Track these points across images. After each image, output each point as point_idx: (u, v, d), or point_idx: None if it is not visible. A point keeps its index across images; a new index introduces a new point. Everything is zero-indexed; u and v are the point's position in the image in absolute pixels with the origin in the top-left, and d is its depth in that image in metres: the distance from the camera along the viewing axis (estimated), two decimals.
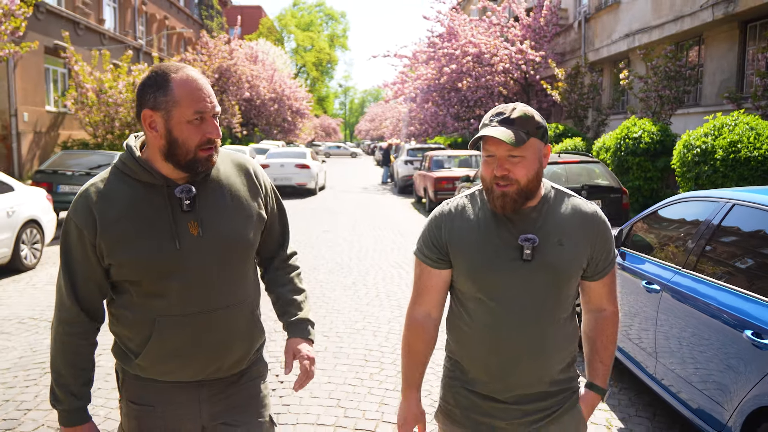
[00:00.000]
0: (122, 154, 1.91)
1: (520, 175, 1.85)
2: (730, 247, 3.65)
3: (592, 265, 1.98)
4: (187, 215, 1.87)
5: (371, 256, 9.86)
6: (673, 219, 4.34)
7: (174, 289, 1.86)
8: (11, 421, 3.97)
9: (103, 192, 1.86)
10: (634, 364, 4.33)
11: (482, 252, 1.92)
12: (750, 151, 8.78)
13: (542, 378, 1.95)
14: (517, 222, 1.92)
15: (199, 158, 1.85)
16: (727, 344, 3.19)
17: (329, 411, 4.16)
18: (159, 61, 23.74)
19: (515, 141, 1.81)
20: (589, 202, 2.01)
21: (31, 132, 19.39)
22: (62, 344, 1.91)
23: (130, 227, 1.83)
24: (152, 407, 1.94)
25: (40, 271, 8.65)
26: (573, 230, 1.94)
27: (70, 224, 1.88)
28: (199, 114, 1.81)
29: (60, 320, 1.92)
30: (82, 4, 22.92)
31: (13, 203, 8.38)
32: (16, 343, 5.46)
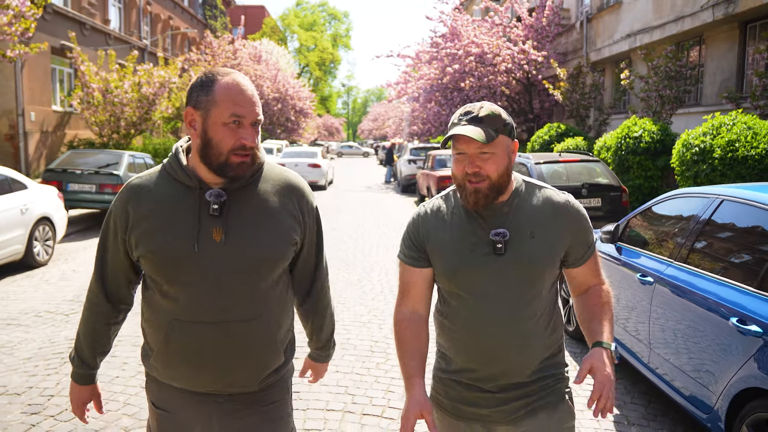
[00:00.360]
0: (170, 154, 1.96)
1: (491, 170, 1.91)
2: (718, 241, 3.84)
3: (572, 253, 2.02)
4: (213, 220, 1.86)
5: (375, 253, 10.06)
6: (667, 214, 4.52)
7: (188, 293, 1.85)
8: (36, 405, 4.18)
9: (141, 187, 1.91)
10: (630, 354, 4.51)
11: (457, 250, 1.97)
12: (747, 150, 8.94)
13: (525, 368, 1.98)
14: (488, 217, 1.97)
15: (230, 163, 1.83)
16: (715, 332, 3.38)
17: (338, 398, 4.36)
18: (164, 61, 23.85)
19: (485, 138, 1.87)
20: (561, 192, 2.06)
21: (38, 131, 19.58)
22: (85, 317, 2.04)
23: (155, 223, 1.86)
24: (169, 413, 1.97)
25: (52, 267, 8.86)
26: (545, 221, 1.98)
27: (110, 215, 1.95)
28: (236, 117, 1.81)
29: (87, 297, 2.04)
30: (87, 5, 23.10)
31: (26, 201, 8.58)
32: (35, 335, 5.66)
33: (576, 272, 2.07)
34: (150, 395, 2.02)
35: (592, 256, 2.07)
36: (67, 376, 4.68)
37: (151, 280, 1.92)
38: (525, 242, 1.94)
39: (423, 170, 18.53)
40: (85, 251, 10.08)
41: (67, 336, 5.63)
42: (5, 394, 4.35)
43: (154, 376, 1.99)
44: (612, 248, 4.95)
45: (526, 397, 2.01)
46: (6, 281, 7.90)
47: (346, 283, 7.93)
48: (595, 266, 2.09)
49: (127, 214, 1.89)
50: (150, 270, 1.89)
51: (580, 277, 2.08)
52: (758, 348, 2.97)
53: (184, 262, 1.83)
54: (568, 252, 2.01)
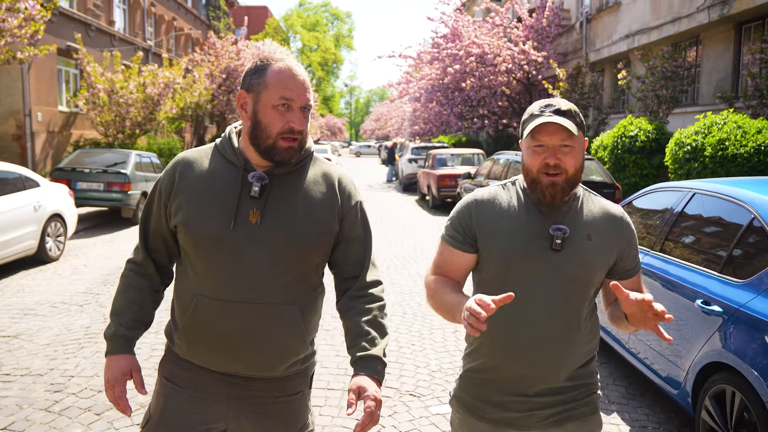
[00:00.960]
0: (223, 133, 2.00)
1: (570, 164, 1.90)
2: (689, 230, 4.14)
3: (619, 265, 2.00)
4: (252, 201, 1.86)
5: (377, 248, 10.31)
6: (647, 207, 4.82)
7: (216, 270, 1.85)
8: (58, 384, 4.49)
9: (190, 160, 1.95)
10: (612, 339, 4.81)
11: (514, 239, 1.94)
12: (737, 148, 9.21)
13: (562, 373, 1.95)
14: (548, 213, 1.95)
15: (278, 146, 1.85)
16: (684, 314, 3.67)
17: (338, 378, 4.67)
18: (168, 62, 24.18)
19: (575, 129, 1.89)
20: (615, 205, 2.05)
21: (45, 131, 19.86)
22: (125, 278, 2.03)
23: (197, 195, 1.88)
24: (183, 388, 1.95)
25: (63, 262, 9.17)
26: (601, 228, 1.97)
27: (158, 182, 1.99)
28: (285, 100, 1.83)
29: (129, 260, 2.05)
30: (93, 6, 23.41)
31: (39, 198, 8.90)
32: (52, 324, 5.97)
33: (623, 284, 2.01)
34: (163, 371, 2.01)
35: (638, 274, 2.06)
36: (85, 359, 5.00)
37: (184, 252, 1.93)
38: (582, 243, 1.93)
39: (424, 169, 18.82)
40: (95, 247, 10.40)
41: (83, 324, 5.95)
42: (29, 375, 4.66)
43: (175, 353, 1.98)
44: None
45: (561, 405, 1.98)
46: (20, 275, 8.22)
47: None
48: (639, 285, 2.06)
49: (173, 180, 1.93)
50: (183, 240, 1.91)
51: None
52: (719, 326, 3.27)
53: (218, 238, 1.84)
54: (616, 263, 1.99)
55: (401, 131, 51.69)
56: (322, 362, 4.96)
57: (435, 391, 4.49)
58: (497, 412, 1.99)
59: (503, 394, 1.98)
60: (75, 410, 4.06)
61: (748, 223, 3.45)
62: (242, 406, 1.94)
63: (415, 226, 13.25)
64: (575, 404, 1.99)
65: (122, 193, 12.77)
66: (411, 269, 8.68)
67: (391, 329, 5.84)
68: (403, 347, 5.39)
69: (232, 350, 1.87)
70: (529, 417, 1.97)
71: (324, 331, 5.74)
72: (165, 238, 1.99)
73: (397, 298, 7.06)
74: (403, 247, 10.52)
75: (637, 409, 4.27)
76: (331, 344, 5.42)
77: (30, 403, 4.17)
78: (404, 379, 4.69)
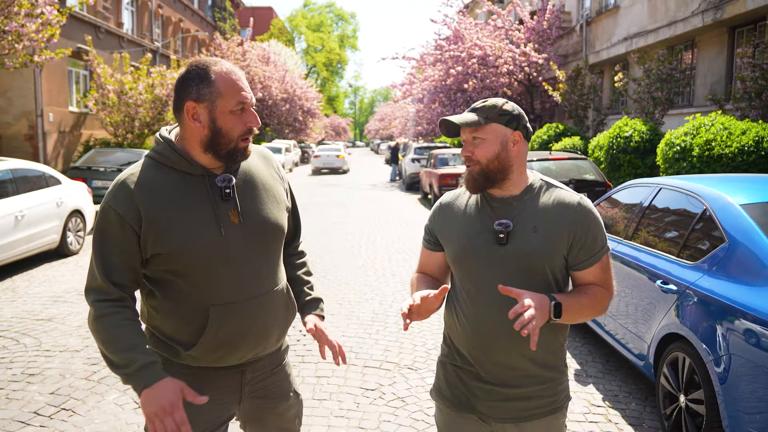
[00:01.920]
0: (157, 146, 1.95)
1: (480, 155, 1.98)
2: (654, 221, 4.64)
3: (572, 254, 1.99)
4: (227, 203, 1.93)
5: (379, 244, 10.87)
6: (622, 201, 5.31)
7: (223, 276, 1.91)
8: (94, 358, 5.03)
9: (142, 182, 1.87)
10: (593, 322, 5.30)
11: (464, 237, 2.04)
12: (722, 148, 9.68)
13: (517, 359, 2.00)
14: (497, 209, 2.02)
15: (239, 148, 1.91)
16: (647, 293, 4.18)
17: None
18: (176, 63, 24.66)
19: (466, 122, 1.99)
20: (576, 194, 2.05)
21: (56, 132, 20.33)
22: (110, 317, 1.83)
23: (174, 217, 1.86)
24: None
25: (83, 255, 9.72)
26: (550, 218, 1.98)
27: (109, 212, 1.86)
28: (241, 105, 1.88)
29: (98, 300, 1.85)
30: (102, 9, 23.95)
31: (61, 195, 9.43)
32: (80, 309, 6.50)
33: (578, 276, 2.04)
34: None
35: (597, 264, 2.02)
36: None
37: (178, 274, 1.90)
38: (527, 235, 1.97)
39: (426, 168, 19.28)
40: None
41: None
42: (67, 351, 5.20)
43: (183, 364, 1.99)
44: None
45: (524, 400, 2.03)
46: (44, 267, 8.76)
47: (353, 267, 8.76)
48: (601, 275, 2.04)
49: (136, 208, 1.85)
50: (175, 265, 1.88)
51: (583, 282, 2.05)
52: (674, 302, 3.77)
53: (213, 248, 1.88)
54: (569, 253, 2.00)
55: (405, 131, 52.16)
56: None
57: (430, 365, 5.00)
58: (467, 400, 2.09)
59: (470, 380, 2.07)
60: (111, 379, 4.60)
61: (701, 213, 3.95)
62: (251, 389, 2.11)
63: (416, 223, 13.75)
64: (540, 402, 2.04)
65: None
66: (412, 262, 9.21)
67: (391, 315, 6.35)
68: (402, 329, 5.89)
69: (252, 341, 2.01)
70: (494, 408, 2.05)
71: (329, 315, 6.25)
72: (134, 269, 1.90)
73: (398, 287, 7.58)
74: (405, 243, 11.03)
75: (612, 381, 4.76)
76: (337, 326, 5.95)
77: (71, 374, 4.71)
78: (402, 356, 5.20)
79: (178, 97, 1.90)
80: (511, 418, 2.04)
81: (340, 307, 6.60)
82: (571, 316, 1.93)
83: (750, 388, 3.08)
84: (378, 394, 4.42)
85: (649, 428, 3.99)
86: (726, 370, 3.20)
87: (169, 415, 1.72)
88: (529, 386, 2.03)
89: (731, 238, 3.55)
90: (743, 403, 3.11)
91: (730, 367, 3.18)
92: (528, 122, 2.07)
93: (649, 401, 4.37)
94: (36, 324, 5.97)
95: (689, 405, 3.58)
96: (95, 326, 1.84)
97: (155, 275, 1.92)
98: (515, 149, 2.01)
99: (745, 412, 3.11)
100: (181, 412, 1.74)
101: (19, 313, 6.33)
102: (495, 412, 2.05)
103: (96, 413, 4.06)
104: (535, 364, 2.02)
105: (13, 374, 4.70)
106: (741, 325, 3.17)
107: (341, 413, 4.13)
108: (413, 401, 4.32)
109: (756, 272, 3.30)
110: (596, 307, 2.01)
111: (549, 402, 2.05)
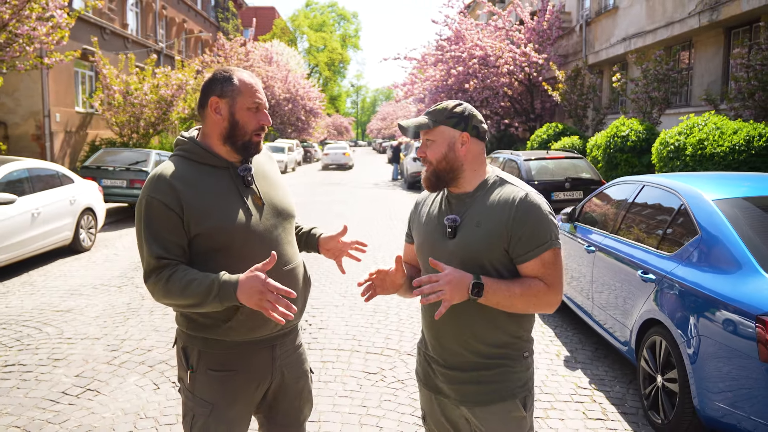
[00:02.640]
0: (183, 145, 2.23)
1: (431, 156, 2.12)
2: (637, 215, 4.97)
3: (511, 248, 2.03)
4: (249, 189, 2.22)
5: (381, 241, 11.20)
6: (611, 197, 5.63)
7: (257, 249, 2.16)
8: (113, 345, 5.38)
9: (177, 174, 2.14)
10: (581, 311, 5.61)
11: (424, 231, 2.23)
12: (714, 147, 9.97)
13: (467, 345, 2.10)
14: (453, 205, 2.15)
15: (253, 141, 2.21)
16: (629, 283, 4.49)
17: (347, 342, 5.52)
18: (180, 64, 24.93)
19: (415, 124, 2.14)
20: (525, 189, 2.08)
21: (63, 131, 20.57)
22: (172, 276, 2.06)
23: (209, 201, 2.12)
24: (234, 371, 2.22)
25: (95, 252, 10.05)
26: (493, 213, 2.05)
27: (152, 202, 2.09)
28: (256, 104, 2.19)
29: (157, 275, 2.08)
30: (107, 10, 24.25)
31: (74, 193, 9.77)
32: (96, 301, 6.84)
33: (520, 270, 2.06)
34: (208, 364, 2.21)
35: (536, 259, 2.03)
36: (133, 327, 5.90)
37: (215, 250, 2.14)
38: (470, 230, 2.07)
39: None
40: (121, 239, 11.28)
41: (124, 301, 6.82)
42: (87, 339, 5.54)
43: (218, 340, 2.19)
44: (569, 227, 6.07)
45: (473, 384, 2.11)
46: (59, 262, 9.10)
47: (356, 263, 9.04)
48: (542, 270, 2.04)
49: (177, 197, 2.09)
50: (215, 241, 2.12)
51: (524, 276, 2.07)
52: (653, 290, 4.09)
53: (246, 224, 2.15)
54: (509, 247, 2.04)
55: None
56: (333, 329, 5.82)
57: None
58: (431, 381, 2.24)
59: (431, 364, 2.22)
60: (131, 363, 4.94)
61: (678, 208, 4.27)
62: (281, 363, 2.32)
63: None
64: (484, 386, 2.10)
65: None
66: None
67: (392, 306, 6.68)
68: (403, 319, 6.23)
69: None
70: (452, 391, 2.16)
71: (333, 306, 6.58)
72: (182, 246, 2.13)
73: None
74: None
75: (599, 367, 5.08)
76: (341, 316, 6.27)
77: (93, 359, 5.05)
78: (403, 342, 5.52)
79: (204, 95, 2.20)
80: (466, 402, 2.14)
81: (344, 299, 6.92)
82: (497, 299, 1.99)
83: (716, 366, 3.40)
84: (379, 377, 4.74)
85: (630, 407, 4.31)
86: (696, 351, 3.52)
87: (268, 293, 1.98)
88: (477, 370, 2.10)
89: (703, 230, 3.87)
90: (711, 380, 3.42)
91: (699, 348, 3.50)
92: (481, 122, 2.15)
93: (632, 384, 4.69)
94: (56, 315, 6.30)
95: (665, 384, 3.90)
96: (167, 286, 2.05)
97: (198, 253, 2.15)
98: (464, 149, 2.10)
99: (712, 391, 3.42)
100: (272, 284, 1.99)
101: (39, 305, 6.67)
102: (455, 395, 2.16)
103: (119, 393, 4.39)
104: (481, 350, 2.09)
105: (40, 359, 5.04)
106: (709, 310, 3.49)
107: (345, 394, 4.46)
108: (412, 383, 4.64)
109: (724, 262, 3.61)
110: (531, 300, 2.01)
111: (497, 389, 2.10)
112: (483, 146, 2.17)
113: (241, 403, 2.26)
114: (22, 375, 4.71)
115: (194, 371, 2.21)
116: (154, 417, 4.04)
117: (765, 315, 3.11)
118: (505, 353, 2.10)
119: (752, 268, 3.43)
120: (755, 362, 3.14)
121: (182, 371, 2.28)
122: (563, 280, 2.10)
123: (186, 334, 2.24)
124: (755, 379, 3.17)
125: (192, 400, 2.23)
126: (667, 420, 3.83)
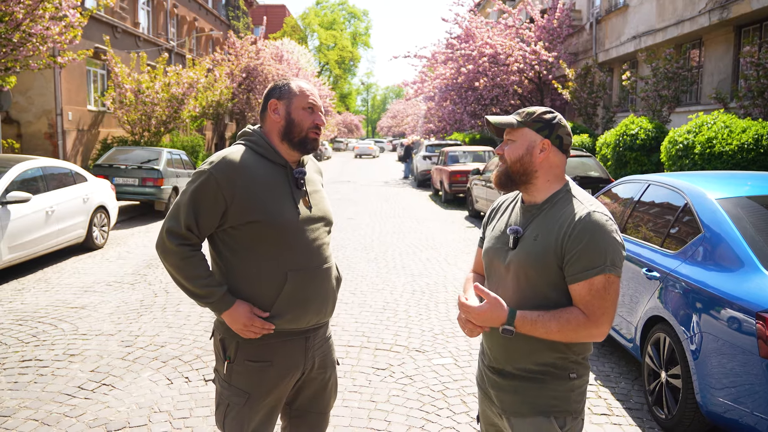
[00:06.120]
0: (251, 136, 2.40)
1: (508, 155, 2.10)
2: (643, 214, 5.02)
3: (566, 267, 1.98)
4: (300, 192, 2.39)
5: (390, 239, 11.29)
6: (617, 196, 5.68)
7: (299, 246, 2.32)
8: (127, 341, 5.49)
9: (242, 162, 2.29)
10: None
11: (491, 237, 2.22)
12: (723, 146, 9.98)
13: (512, 357, 2.09)
14: (524, 214, 2.13)
15: (308, 138, 2.38)
16: (635, 281, 4.55)
17: (356, 338, 5.60)
18: (191, 62, 25.05)
19: (500, 122, 2.13)
20: (591, 206, 2.01)
21: (75, 130, 20.74)
22: (189, 256, 2.27)
23: (265, 191, 2.29)
24: (269, 362, 2.34)
25: (108, 249, 10.19)
26: (553, 229, 2.01)
27: (210, 178, 2.25)
28: (310, 105, 2.39)
29: (180, 243, 2.27)
30: (119, 9, 24.42)
31: (87, 191, 9.91)
32: (110, 298, 6.96)
33: (570, 291, 2.00)
34: (245, 355, 2.34)
35: (584, 282, 1.95)
36: (146, 323, 5.99)
37: (260, 240, 2.28)
38: (529, 243, 2.05)
39: (437, 166, 19.60)
40: (133, 237, 11.42)
41: (137, 298, 6.93)
42: (102, 335, 5.65)
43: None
44: None
45: (512, 393, 2.10)
46: (72, 260, 9.24)
47: (365, 260, 9.19)
48: (587, 297, 1.95)
49: (233, 184, 2.25)
50: (263, 232, 2.27)
51: (573, 298, 2.00)
52: (657, 288, 4.14)
53: (295, 226, 2.32)
54: (564, 265, 1.98)
55: (417, 129, 52.48)
56: (343, 326, 5.90)
57: (437, 348, 5.39)
58: (484, 385, 2.24)
59: (486, 371, 2.21)
60: (145, 359, 5.04)
61: (682, 207, 4.33)
62: (314, 353, 2.45)
63: (427, 219, 14.16)
64: (521, 396, 2.08)
65: (155, 188, 13.81)
66: (421, 255, 9.62)
67: (401, 304, 6.75)
68: (412, 316, 6.30)
69: (316, 306, 2.38)
70: (497, 398, 2.15)
71: (343, 304, 6.67)
72: (209, 230, 2.33)
73: (408, 278, 7.99)
74: (416, 237, 11.44)
75: (605, 363, 5.14)
76: (350, 313, 6.36)
77: (108, 354, 5.17)
78: (411, 339, 5.60)
79: (265, 100, 2.43)
80: (505, 411, 2.12)
81: (354, 297, 7.01)
82: (530, 330, 1.97)
83: (718, 363, 3.45)
84: (388, 373, 4.82)
85: (635, 403, 4.37)
86: (698, 348, 3.58)
87: (250, 326, 2.26)
88: (519, 381, 2.08)
89: (707, 228, 3.93)
90: (713, 376, 3.48)
91: (702, 345, 3.56)
92: (568, 134, 2.11)
93: (637, 381, 4.74)
94: (70, 311, 6.42)
95: (669, 380, 3.96)
96: (181, 265, 2.28)
97: (243, 242, 2.31)
98: (542, 156, 2.07)
99: (714, 387, 3.48)
100: (258, 319, 2.26)
101: (54, 302, 6.79)
102: (498, 402, 2.15)
103: (133, 388, 4.50)
104: (525, 364, 2.06)
105: (56, 354, 5.15)
106: (712, 307, 3.54)
107: (354, 389, 4.54)
108: (420, 379, 4.72)
109: (726, 259, 3.67)
110: (570, 335, 1.96)
111: (533, 402, 2.06)
112: (564, 159, 2.13)
113: (275, 393, 2.39)
114: (38, 370, 4.83)
115: (232, 362, 2.35)
116: (167, 411, 4.14)
117: (765, 312, 3.16)
118: (548, 371, 2.05)
119: (754, 265, 3.49)
120: (756, 358, 3.19)
121: (219, 362, 2.41)
122: (613, 311, 1.98)
123: (225, 327, 2.36)
124: (756, 375, 3.23)
125: (228, 389, 2.36)
126: (670, 415, 3.89)
